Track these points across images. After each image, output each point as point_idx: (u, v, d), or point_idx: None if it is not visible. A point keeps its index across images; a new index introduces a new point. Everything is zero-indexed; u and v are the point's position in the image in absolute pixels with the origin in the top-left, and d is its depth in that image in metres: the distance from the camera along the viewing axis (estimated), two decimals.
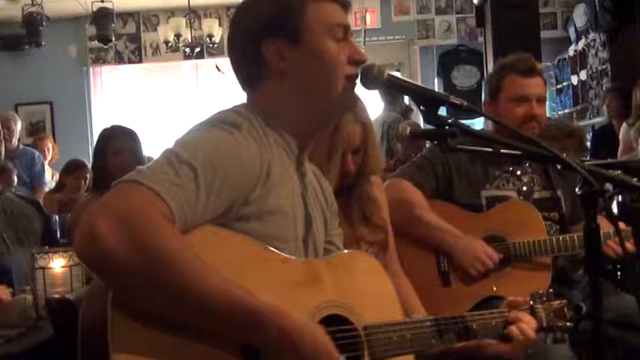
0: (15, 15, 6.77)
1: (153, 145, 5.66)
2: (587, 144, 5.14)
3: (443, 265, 2.36)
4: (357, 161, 1.97)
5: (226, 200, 1.24)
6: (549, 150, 1.34)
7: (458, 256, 2.31)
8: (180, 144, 1.26)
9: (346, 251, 1.56)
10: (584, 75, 6.99)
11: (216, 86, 7.69)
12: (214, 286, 1.14)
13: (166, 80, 8.21)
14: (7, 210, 2.75)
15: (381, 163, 2.40)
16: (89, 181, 4.58)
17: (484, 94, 2.59)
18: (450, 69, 7.90)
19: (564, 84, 7.52)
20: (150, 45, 8.08)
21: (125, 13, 7.86)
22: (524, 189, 2.45)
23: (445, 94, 1.38)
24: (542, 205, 2.41)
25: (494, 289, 2.30)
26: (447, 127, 1.34)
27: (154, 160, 1.25)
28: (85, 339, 1.21)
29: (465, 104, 1.35)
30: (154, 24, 8.03)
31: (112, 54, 8.04)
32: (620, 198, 3.13)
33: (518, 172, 2.46)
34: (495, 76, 2.52)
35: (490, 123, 3.49)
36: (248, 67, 1.41)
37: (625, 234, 2.24)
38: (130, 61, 8.13)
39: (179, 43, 7.13)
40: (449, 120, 1.34)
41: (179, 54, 7.71)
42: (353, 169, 1.96)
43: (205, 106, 7.55)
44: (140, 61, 8.12)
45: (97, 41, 7.12)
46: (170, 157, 1.22)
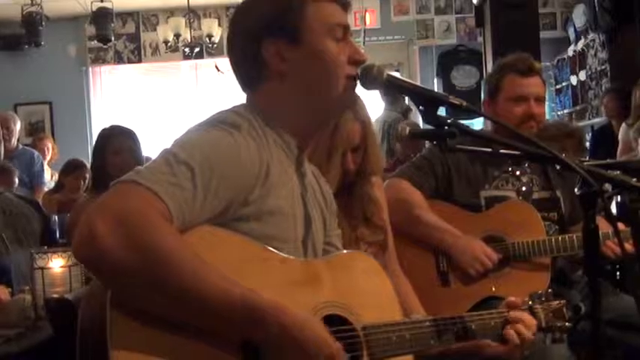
0: (14, 15, 6.76)
1: (152, 145, 5.64)
2: (587, 144, 5.14)
3: (442, 265, 2.36)
4: (357, 160, 1.97)
5: (224, 200, 1.24)
6: (548, 150, 1.34)
7: (457, 256, 2.31)
8: (179, 144, 1.26)
9: (345, 251, 1.56)
10: (583, 75, 6.98)
11: (216, 86, 7.69)
12: (213, 285, 1.14)
13: (166, 80, 8.21)
14: (6, 210, 2.75)
15: (382, 162, 2.40)
16: (88, 181, 4.56)
17: (483, 94, 2.59)
18: (450, 69, 7.90)
19: (563, 84, 7.52)
20: (149, 45, 8.08)
21: (124, 13, 7.86)
22: (523, 189, 2.46)
23: (444, 94, 1.38)
24: (542, 206, 2.41)
25: (493, 289, 2.30)
26: (446, 128, 1.33)
27: (152, 160, 1.25)
28: (84, 339, 1.21)
29: (465, 104, 1.34)
30: (153, 24, 8.03)
31: (111, 54, 8.04)
32: (620, 198, 3.13)
33: (517, 173, 2.47)
34: (494, 76, 2.52)
35: (489, 123, 3.50)
36: (248, 67, 1.41)
37: (624, 234, 2.22)
38: (130, 61, 8.13)
39: (178, 43, 7.13)
40: (448, 120, 1.34)
41: (178, 54, 7.70)
42: (353, 167, 1.96)
43: (205, 106, 7.54)
44: (139, 61, 8.12)
45: (96, 41, 7.14)
46: (168, 157, 1.22)
